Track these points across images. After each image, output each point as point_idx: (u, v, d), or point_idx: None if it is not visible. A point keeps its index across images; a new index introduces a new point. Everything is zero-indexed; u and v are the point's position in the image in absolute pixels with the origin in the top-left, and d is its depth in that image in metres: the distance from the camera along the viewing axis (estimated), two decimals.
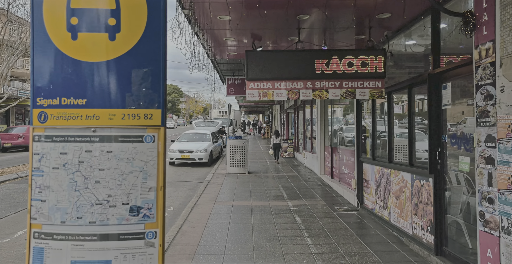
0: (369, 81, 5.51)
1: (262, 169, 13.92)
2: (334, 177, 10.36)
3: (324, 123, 11.64)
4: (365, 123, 7.67)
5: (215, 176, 12.19)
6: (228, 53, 7.30)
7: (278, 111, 27.38)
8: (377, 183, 6.61)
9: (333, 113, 10.74)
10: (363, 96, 5.55)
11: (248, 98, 5.56)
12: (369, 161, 7.09)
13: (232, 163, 12.72)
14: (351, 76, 5.51)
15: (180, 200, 9.01)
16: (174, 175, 12.94)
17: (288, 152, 17.98)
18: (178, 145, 15.56)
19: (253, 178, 11.74)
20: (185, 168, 14.82)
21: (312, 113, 13.50)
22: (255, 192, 9.43)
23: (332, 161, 10.55)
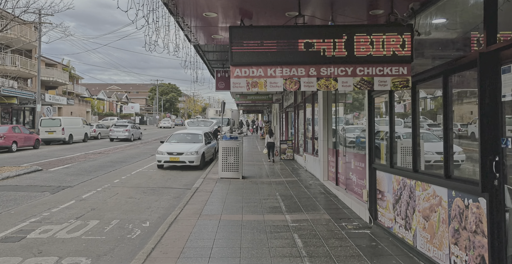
0: (391, 66, 4.22)
1: (258, 173, 12.62)
2: (340, 184, 9.06)
3: (328, 123, 10.33)
4: (380, 123, 6.37)
5: (206, 181, 10.88)
6: (214, 36, 5.99)
7: (277, 111, 26.09)
8: (396, 196, 5.31)
9: (338, 111, 9.44)
10: (383, 86, 4.26)
11: (232, 89, 4.27)
12: (385, 168, 5.79)
13: (224, 166, 11.42)
14: (368, 61, 4.21)
15: (160, 212, 7.71)
16: (160, 180, 11.64)
17: (287, 154, 16.67)
18: (167, 146, 14.25)
19: (247, 184, 10.43)
20: (174, 171, 13.52)
21: (314, 112, 12.20)
22: (249, 202, 8.13)
23: (337, 165, 9.25)
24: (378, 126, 6.45)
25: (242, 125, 47.74)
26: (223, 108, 14.57)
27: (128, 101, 79.05)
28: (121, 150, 21.84)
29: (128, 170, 13.71)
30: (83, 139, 27.96)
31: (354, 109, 8.63)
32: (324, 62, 4.22)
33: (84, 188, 10.09)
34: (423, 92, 5.86)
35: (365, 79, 4.20)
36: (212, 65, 8.44)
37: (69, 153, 19.29)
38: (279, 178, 11.51)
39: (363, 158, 6.99)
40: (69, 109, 38.07)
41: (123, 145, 25.24)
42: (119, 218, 7.09)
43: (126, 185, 10.68)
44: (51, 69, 36.51)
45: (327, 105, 10.31)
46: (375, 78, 4.22)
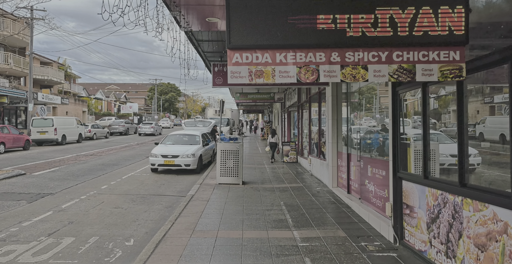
0: (439, 50, 3.21)
1: (260, 177, 11.61)
2: (352, 192, 8.05)
3: (337, 124, 9.33)
4: (407, 123, 5.36)
5: (202, 187, 9.88)
6: (209, 20, 4.99)
7: (278, 110, 25.08)
8: (432, 214, 4.31)
9: (350, 110, 8.43)
10: (428, 76, 3.25)
11: (230, 80, 3.28)
12: (415, 179, 4.78)
13: (223, 171, 10.41)
14: (408, 43, 3.21)
15: (148, 225, 6.70)
16: (152, 185, 10.62)
17: (291, 156, 15.67)
18: (161, 149, 13.24)
19: (248, 191, 9.43)
20: (168, 175, 12.51)
21: (320, 112, 11.20)
22: (250, 213, 7.12)
23: (349, 171, 8.24)
24: (409, 127, 5.45)
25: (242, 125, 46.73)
26: (222, 107, 13.56)
27: (126, 101, 78.03)
28: (115, 151, 20.84)
29: (119, 174, 12.70)
30: (77, 140, 26.95)
31: (371, 107, 7.64)
32: (351, 45, 3.22)
33: (67, 195, 9.08)
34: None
35: (404, 67, 3.20)
36: (209, 58, 7.45)
37: (60, 155, 18.27)
38: (282, 184, 10.50)
39: (384, 165, 5.99)
40: (64, 109, 37.03)
41: (118, 146, 24.24)
42: (99, 234, 6.08)
43: (114, 191, 9.67)
44: (45, 68, 35.48)
45: (337, 104, 9.31)
46: (418, 66, 3.22)
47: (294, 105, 17.65)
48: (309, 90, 12.83)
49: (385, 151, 6.51)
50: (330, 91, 9.38)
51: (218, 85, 7.44)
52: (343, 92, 8.93)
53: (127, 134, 38.17)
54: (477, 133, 4.10)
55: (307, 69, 3.25)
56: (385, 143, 6.30)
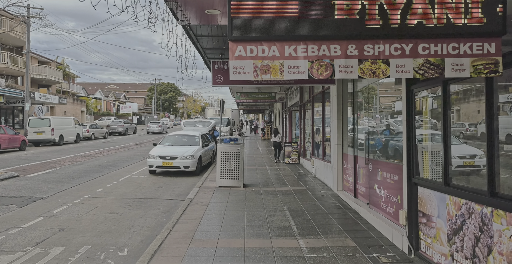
0: (472, 42, 2.81)
1: (261, 179, 11.20)
2: (359, 197, 7.65)
3: (343, 124, 8.93)
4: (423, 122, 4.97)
5: (201, 191, 9.47)
6: (208, 12, 4.59)
7: (279, 110, 24.69)
8: (455, 225, 3.91)
9: (357, 110, 8.03)
10: (459, 71, 2.85)
11: (233, 76, 2.89)
12: (433, 185, 4.38)
13: (223, 174, 10.00)
14: (436, 33, 2.80)
15: (144, 233, 6.30)
16: (150, 188, 10.22)
17: (292, 157, 15.26)
18: (159, 150, 12.83)
19: (249, 194, 9.02)
20: (167, 178, 12.10)
21: (325, 111, 10.79)
22: (252, 220, 6.72)
23: (356, 174, 7.84)
24: (425, 127, 5.05)
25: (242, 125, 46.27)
26: (222, 107, 13.17)
27: (126, 101, 77.64)
28: (113, 152, 20.43)
29: (116, 175, 12.30)
30: (75, 140, 26.54)
31: (384, 109, 7.23)
32: (370, 36, 2.82)
33: (60, 199, 8.67)
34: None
35: (432, 62, 2.80)
36: (208, 55, 7.05)
37: (56, 156, 17.87)
38: (285, 187, 10.10)
39: (396, 169, 5.58)
40: (63, 109, 36.62)
41: (116, 147, 23.83)
42: (91, 243, 5.68)
43: (109, 195, 9.26)
44: (43, 67, 35.07)
45: (342, 104, 8.91)
46: (447, 60, 2.82)
47: (296, 105, 17.25)
48: (312, 89, 12.43)
49: (396, 153, 6.11)
50: (335, 91, 8.98)
51: (219, 84, 7.05)
52: (349, 91, 8.53)
53: (126, 134, 37.77)
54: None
55: (320, 64, 2.85)
56: (396, 145, 5.90)
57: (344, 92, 8.85)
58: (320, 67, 2.85)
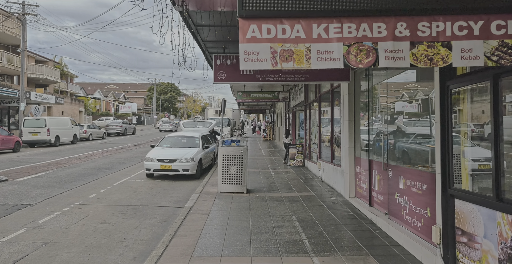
0: None
1: (265, 184, 10.51)
2: (375, 205, 6.96)
3: (355, 125, 8.23)
4: (462, 119, 4.27)
5: (202, 197, 8.78)
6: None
7: (282, 110, 24.00)
8: (509, 248, 3.21)
9: (372, 109, 7.33)
10: None
11: (243, 64, 2.21)
12: (480, 199, 3.69)
13: (225, 178, 9.31)
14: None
15: (137, 248, 5.61)
16: (146, 194, 9.52)
17: (297, 160, 14.57)
18: (157, 152, 12.14)
19: (254, 201, 8.33)
20: (165, 182, 11.41)
21: (333, 111, 10.10)
22: (258, 232, 6.03)
23: (371, 180, 7.15)
24: (465, 126, 4.35)
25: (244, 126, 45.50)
26: (223, 107, 12.47)
27: (125, 101, 76.98)
28: (110, 153, 19.74)
29: (112, 179, 11.60)
30: (72, 141, 25.85)
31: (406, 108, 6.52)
32: (426, 11, 2.12)
33: (48, 207, 7.98)
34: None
35: (510, 45, 2.11)
36: (209, 49, 6.39)
37: (50, 157, 17.18)
38: (291, 192, 9.40)
39: (425, 177, 4.89)
40: (60, 109, 35.92)
41: (114, 148, 23.14)
42: (77, 262, 4.98)
43: (102, 202, 8.57)
44: (40, 66, 34.39)
45: (354, 103, 8.22)
46: None
47: (300, 105, 16.57)
48: (319, 88, 11.74)
49: (424, 158, 5.42)
50: (346, 89, 8.29)
51: (221, 81, 6.38)
52: (363, 90, 7.84)
53: (125, 135, 37.09)
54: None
55: (359, 48, 2.17)
56: (424, 150, 5.21)
57: (357, 90, 8.16)
58: (359, 52, 2.17)
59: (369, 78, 7.32)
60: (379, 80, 7.01)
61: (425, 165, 5.33)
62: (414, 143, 5.93)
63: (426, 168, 5.15)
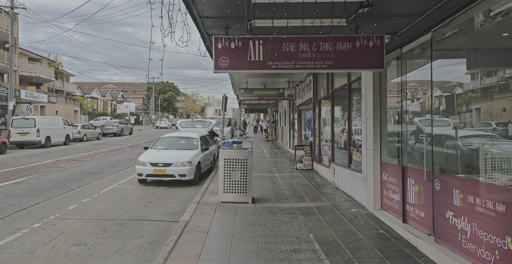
0: None
1: (272, 191, 9.24)
2: (411, 222, 5.69)
3: (381, 125, 6.97)
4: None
5: (200, 208, 7.52)
6: None
7: (286, 109, 22.72)
8: None
9: (405, 103, 6.05)
10: None
11: None
12: None
13: (227, 186, 8.04)
14: None
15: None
16: (136, 204, 8.25)
17: (305, 163, 13.30)
18: (151, 155, 10.87)
19: (261, 214, 7.07)
20: (159, 188, 10.14)
21: (351, 108, 8.82)
22: (271, 259, 4.76)
23: (405, 191, 5.88)
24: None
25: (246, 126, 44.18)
26: (224, 104, 11.20)
27: (123, 100, 75.69)
28: (103, 155, 18.47)
29: (99, 186, 10.34)
30: (64, 142, 24.57)
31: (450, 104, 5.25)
32: None
33: (16, 222, 6.71)
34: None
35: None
36: (209, 29, 5.13)
37: (37, 160, 15.90)
38: (303, 202, 8.14)
39: (503, 194, 3.61)
40: (54, 108, 34.61)
41: (108, 149, 21.86)
42: None
43: (83, 215, 7.30)
44: (33, 64, 33.09)
45: (380, 98, 6.95)
46: None
47: (307, 103, 15.29)
48: (331, 83, 10.47)
49: (488, 168, 4.14)
50: (370, 81, 7.02)
51: (223, 68, 5.11)
52: (394, 81, 6.57)
53: (122, 135, 35.81)
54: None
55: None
56: (498, 157, 3.93)
57: (383, 82, 6.89)
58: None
59: (402, 66, 6.04)
60: (416, 67, 5.74)
61: (487, 176, 4.06)
62: (474, 146, 4.65)
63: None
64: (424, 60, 5.34)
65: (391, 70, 6.62)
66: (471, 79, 4.52)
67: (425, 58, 5.29)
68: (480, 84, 4.33)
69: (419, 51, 5.60)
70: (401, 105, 6.13)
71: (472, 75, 4.52)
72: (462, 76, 4.67)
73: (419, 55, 5.63)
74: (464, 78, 4.64)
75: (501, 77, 4.01)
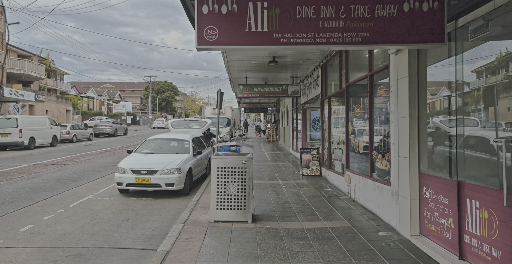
0: None
1: (276, 204, 7.64)
2: (474, 259, 4.08)
3: (419, 124, 5.37)
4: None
5: (187, 230, 5.92)
6: None
7: (288, 108, 21.12)
8: None
9: (462, 96, 4.46)
10: None
11: None
12: None
13: (221, 201, 6.44)
14: None
15: None
16: (108, 223, 6.65)
17: (312, 168, 11.69)
18: (133, 160, 9.26)
19: (264, 239, 5.47)
20: (142, 200, 8.54)
21: (372, 105, 7.21)
22: None
23: (463, 216, 4.28)
24: None
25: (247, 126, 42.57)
26: (220, 101, 9.61)
27: (120, 100, 74.04)
28: (89, 158, 16.85)
29: (71, 197, 8.74)
30: (51, 143, 22.94)
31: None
32: None
33: None
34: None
35: None
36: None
37: (12, 164, 14.28)
38: (316, 220, 6.53)
39: None
40: (44, 108, 32.96)
41: (96, 151, 20.24)
42: None
43: (34, 241, 5.69)
44: (22, 61, 31.47)
45: (418, 91, 5.36)
46: None
47: (313, 101, 13.71)
48: (346, 75, 8.86)
49: None
50: (405, 69, 5.43)
51: (210, 43, 3.53)
52: (439, 68, 4.98)
53: (115, 135, 34.17)
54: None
55: None
56: None
57: (422, 70, 5.30)
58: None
59: (458, 46, 4.44)
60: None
61: None
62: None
63: None
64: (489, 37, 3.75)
65: (436, 52, 5.02)
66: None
67: (489, 35, 3.69)
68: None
69: (481, 25, 4.02)
70: (456, 98, 4.52)
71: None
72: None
73: (481, 31, 4.05)
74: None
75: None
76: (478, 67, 4.21)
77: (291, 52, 10.08)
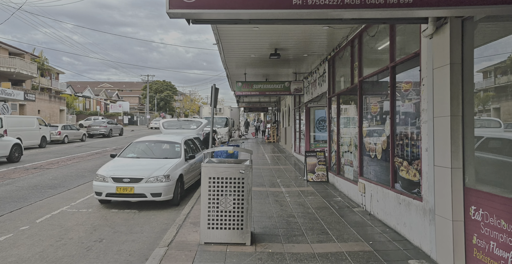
0: None
1: (280, 218, 6.47)
2: None
3: (464, 125, 4.21)
4: None
5: (170, 256, 4.78)
6: None
7: (290, 108, 19.94)
8: None
9: None
10: None
11: None
12: None
13: (213, 219, 5.28)
14: None
15: None
16: (77, 245, 5.48)
17: (318, 173, 10.53)
18: (115, 166, 8.10)
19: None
20: (124, 213, 7.38)
21: (394, 102, 6.04)
22: None
23: None
24: None
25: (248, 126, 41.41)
26: (214, 97, 8.44)
27: (118, 100, 72.83)
28: (76, 161, 15.68)
29: (42, 208, 7.58)
30: (40, 144, 21.77)
31: None
32: None
33: None
34: None
35: None
36: None
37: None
38: (328, 241, 5.37)
39: None
40: (35, 107, 31.75)
41: (87, 153, 19.07)
42: None
43: None
44: (12, 59, 30.29)
45: (462, 79, 4.20)
46: None
47: (317, 99, 12.55)
48: (360, 69, 7.69)
49: None
50: (445, 55, 4.27)
51: (188, 7, 2.25)
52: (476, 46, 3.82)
53: (110, 136, 32.99)
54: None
55: None
56: None
57: (468, 55, 4.14)
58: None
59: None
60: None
61: None
62: None
63: None
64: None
65: (481, 32, 3.88)
66: None
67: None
68: None
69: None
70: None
71: None
72: None
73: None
74: None
75: None
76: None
77: (295, 39, 8.91)
